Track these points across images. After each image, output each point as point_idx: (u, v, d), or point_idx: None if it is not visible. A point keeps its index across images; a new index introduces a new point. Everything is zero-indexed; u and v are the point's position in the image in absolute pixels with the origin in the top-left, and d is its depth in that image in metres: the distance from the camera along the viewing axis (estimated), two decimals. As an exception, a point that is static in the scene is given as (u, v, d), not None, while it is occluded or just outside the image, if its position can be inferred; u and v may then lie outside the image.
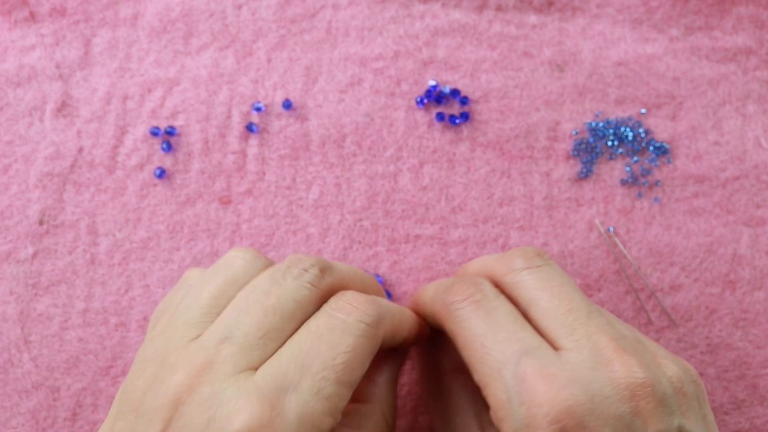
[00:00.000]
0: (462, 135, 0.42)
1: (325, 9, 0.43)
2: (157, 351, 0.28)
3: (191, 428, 0.25)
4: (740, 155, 0.42)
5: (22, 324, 0.41)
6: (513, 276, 0.31)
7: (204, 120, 0.42)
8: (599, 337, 0.29)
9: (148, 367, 0.28)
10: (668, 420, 0.28)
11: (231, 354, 0.27)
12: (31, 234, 0.41)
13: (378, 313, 0.29)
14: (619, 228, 0.42)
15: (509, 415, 0.27)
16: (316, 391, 0.26)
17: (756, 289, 0.41)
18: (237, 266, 0.31)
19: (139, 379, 0.28)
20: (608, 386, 0.27)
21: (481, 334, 0.29)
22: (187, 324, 0.29)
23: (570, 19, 0.43)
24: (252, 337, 0.27)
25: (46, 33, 0.43)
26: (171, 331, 0.29)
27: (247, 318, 0.28)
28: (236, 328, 0.28)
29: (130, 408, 0.27)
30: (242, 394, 0.26)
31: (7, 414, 0.40)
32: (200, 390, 0.26)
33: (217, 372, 0.26)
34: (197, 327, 0.28)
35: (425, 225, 0.42)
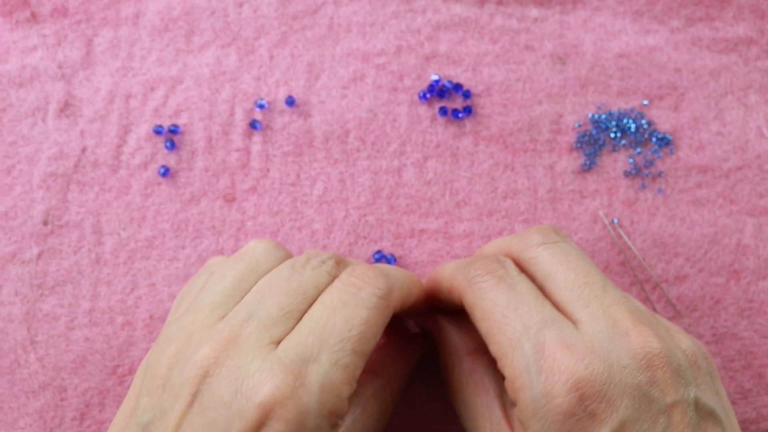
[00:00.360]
0: (465, 129, 0.43)
1: (327, 5, 0.44)
2: (181, 330, 0.29)
3: (219, 400, 0.26)
4: (743, 145, 0.42)
5: (28, 324, 0.41)
6: (530, 252, 0.32)
7: (207, 118, 0.43)
8: (615, 309, 0.30)
9: (172, 344, 0.29)
10: (684, 390, 0.28)
11: (255, 330, 0.28)
12: (36, 234, 0.41)
13: (388, 286, 0.31)
14: (623, 219, 0.42)
15: (527, 384, 0.28)
16: (335, 361, 0.28)
17: (760, 279, 0.41)
18: (258, 254, 0.32)
19: (163, 355, 0.29)
20: (626, 356, 0.28)
21: (502, 305, 0.30)
22: (212, 305, 0.30)
23: (571, 12, 0.43)
24: (274, 315, 0.29)
25: (48, 33, 0.43)
26: (195, 312, 0.30)
27: (270, 299, 0.29)
28: (259, 308, 0.29)
29: (156, 384, 0.28)
30: (267, 366, 0.27)
31: (15, 414, 0.40)
32: (227, 363, 0.27)
33: (242, 346, 0.28)
34: (221, 308, 0.30)
35: (430, 219, 0.42)
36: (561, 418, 0.27)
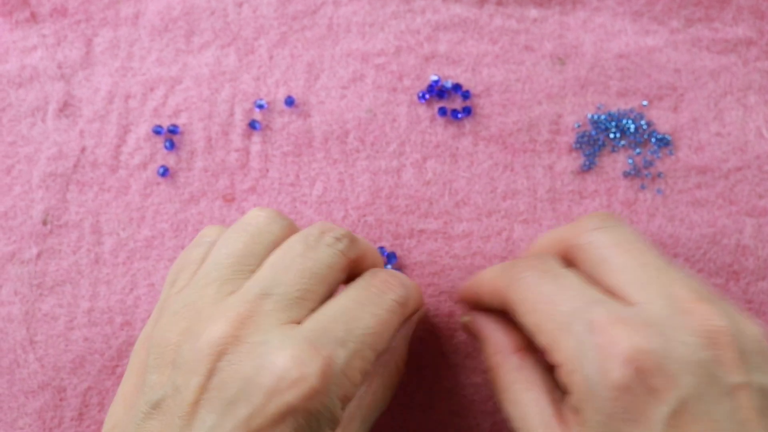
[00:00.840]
0: (464, 129, 0.43)
1: (326, 5, 0.44)
2: (188, 305, 0.29)
3: (240, 375, 0.26)
4: (742, 146, 0.42)
5: (27, 324, 0.41)
6: (585, 236, 0.31)
7: (207, 118, 0.43)
8: (676, 288, 0.28)
9: (180, 320, 0.28)
10: (752, 375, 0.26)
11: (272, 308, 0.28)
12: (35, 234, 0.41)
13: (406, 294, 0.31)
14: (622, 220, 0.42)
15: (580, 364, 0.27)
16: (358, 350, 0.28)
17: (760, 279, 0.41)
18: (261, 223, 0.31)
19: (171, 332, 0.28)
20: (687, 332, 0.26)
21: (547, 294, 0.29)
22: (220, 279, 0.29)
23: (570, 12, 0.43)
24: (291, 295, 0.28)
25: (48, 33, 0.43)
26: (201, 287, 0.29)
27: (286, 277, 0.29)
28: (275, 285, 0.29)
29: (165, 361, 0.28)
30: (292, 343, 0.27)
31: (14, 414, 0.40)
32: (247, 339, 0.27)
33: (261, 323, 0.27)
34: (230, 283, 0.29)
35: (429, 219, 0.42)
36: (616, 394, 0.26)
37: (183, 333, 0.28)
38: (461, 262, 0.41)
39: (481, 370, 0.40)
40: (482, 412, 0.40)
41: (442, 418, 0.40)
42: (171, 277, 0.32)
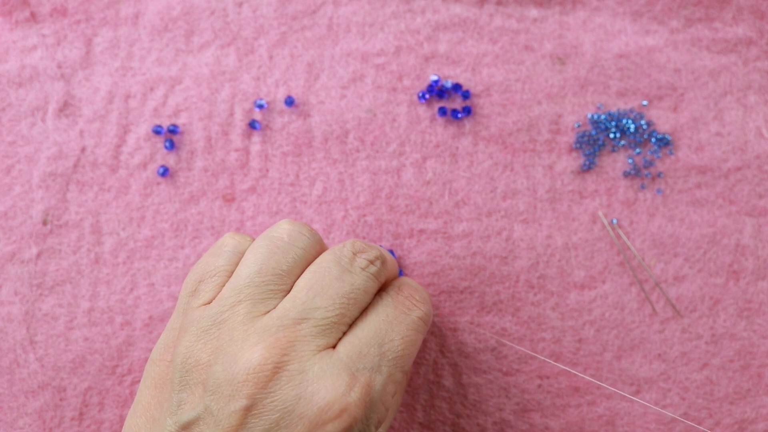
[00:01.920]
0: (464, 129, 0.43)
1: (326, 5, 0.44)
2: (218, 324, 0.28)
3: (280, 404, 0.26)
4: (742, 146, 0.42)
5: (27, 324, 0.41)
6: None
7: (206, 118, 0.43)
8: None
9: (211, 339, 0.28)
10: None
11: (309, 333, 0.28)
12: (35, 234, 0.41)
13: (430, 310, 0.31)
14: (622, 220, 0.42)
15: None
16: (391, 374, 0.28)
17: (760, 279, 0.41)
18: (290, 238, 0.31)
19: (201, 351, 0.28)
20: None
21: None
22: (252, 298, 0.29)
23: (570, 12, 0.43)
24: (328, 320, 0.28)
25: (48, 33, 0.43)
26: (232, 304, 0.29)
27: (322, 301, 0.29)
28: (312, 309, 0.28)
29: (195, 380, 0.27)
30: (331, 370, 0.27)
31: (14, 414, 0.40)
32: (288, 367, 0.27)
33: (300, 350, 0.27)
34: (263, 303, 0.29)
35: (429, 219, 0.42)
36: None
37: (214, 353, 0.28)
38: (461, 262, 0.41)
39: (482, 371, 0.40)
40: (482, 412, 0.40)
41: (442, 418, 0.40)
42: (190, 285, 0.31)
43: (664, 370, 0.40)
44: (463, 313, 0.41)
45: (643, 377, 0.40)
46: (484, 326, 0.41)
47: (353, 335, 0.29)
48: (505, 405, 0.40)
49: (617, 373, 0.40)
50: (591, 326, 0.41)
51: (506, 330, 0.41)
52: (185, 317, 0.30)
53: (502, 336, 0.41)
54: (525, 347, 0.41)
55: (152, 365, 0.30)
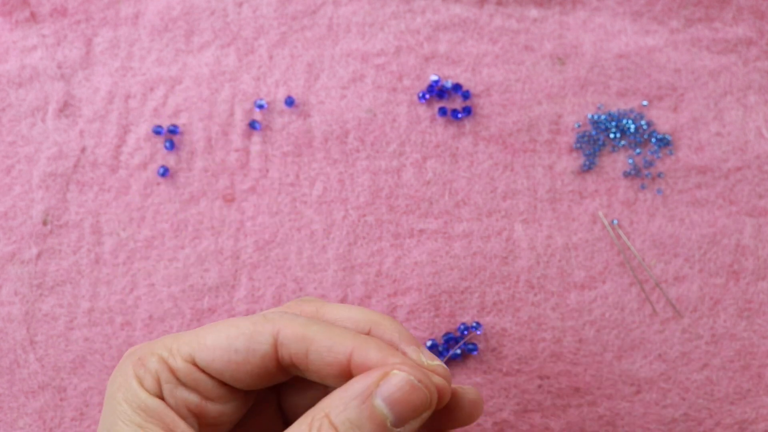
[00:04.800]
0: (464, 129, 0.43)
1: (326, 5, 0.44)
2: None
3: None
4: (742, 146, 0.42)
5: (27, 324, 0.41)
6: None
7: (206, 118, 0.43)
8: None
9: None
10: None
11: None
12: (35, 234, 0.41)
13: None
14: (622, 220, 0.42)
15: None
16: None
17: (760, 279, 0.41)
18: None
19: None
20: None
21: None
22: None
23: (570, 12, 0.43)
24: None
25: (48, 33, 0.43)
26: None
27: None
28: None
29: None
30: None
31: (15, 414, 0.40)
32: None
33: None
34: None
35: (429, 219, 0.42)
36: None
37: None
38: (461, 262, 0.41)
39: (482, 371, 0.40)
40: (484, 411, 0.40)
41: (442, 418, 0.40)
42: None
43: (665, 370, 0.40)
44: (463, 313, 0.41)
45: (644, 377, 0.40)
46: (484, 326, 0.41)
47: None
48: (505, 405, 0.40)
49: (617, 373, 0.40)
50: (591, 326, 0.41)
51: (506, 330, 0.41)
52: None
53: (502, 336, 0.41)
54: (525, 347, 0.41)
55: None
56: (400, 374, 0.26)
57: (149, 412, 0.28)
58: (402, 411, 0.26)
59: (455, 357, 0.40)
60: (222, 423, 0.30)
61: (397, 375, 0.26)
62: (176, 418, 0.28)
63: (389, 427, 0.26)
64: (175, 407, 0.28)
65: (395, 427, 0.26)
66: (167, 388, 0.28)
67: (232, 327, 0.29)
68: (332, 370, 0.28)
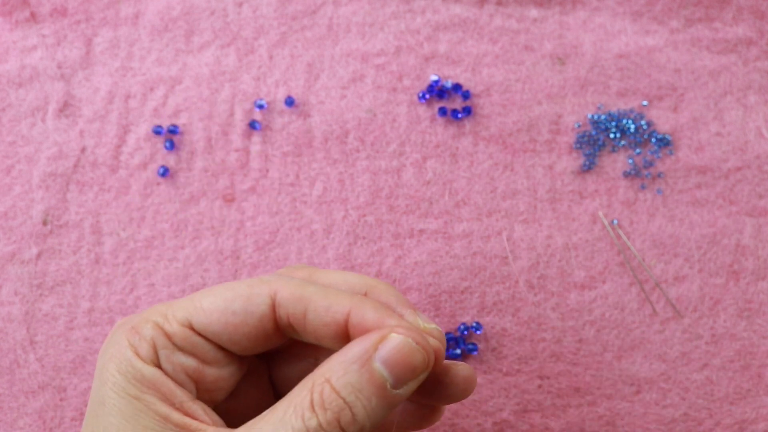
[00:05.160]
0: (464, 129, 0.43)
1: (326, 5, 0.44)
2: None
3: None
4: (742, 146, 0.42)
5: (27, 324, 0.41)
6: None
7: (206, 118, 0.43)
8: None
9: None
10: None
11: None
12: (35, 234, 0.41)
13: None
14: (622, 220, 0.42)
15: None
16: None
17: (760, 279, 0.41)
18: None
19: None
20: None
21: None
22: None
23: (570, 13, 0.43)
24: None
25: (48, 33, 0.43)
26: None
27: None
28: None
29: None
30: None
31: (14, 414, 0.40)
32: None
33: None
34: None
35: (429, 219, 0.42)
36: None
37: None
38: (461, 262, 0.41)
39: (482, 371, 0.40)
40: (482, 412, 0.40)
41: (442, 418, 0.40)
42: None
43: (665, 370, 0.40)
44: (463, 313, 0.41)
45: (644, 377, 0.40)
46: (484, 326, 0.41)
47: None
48: (505, 405, 0.40)
49: (617, 373, 0.40)
50: (591, 326, 0.41)
51: (506, 330, 0.41)
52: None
53: (502, 336, 0.41)
54: (525, 347, 0.41)
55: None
56: (398, 337, 0.26)
57: (145, 381, 0.27)
58: (401, 373, 0.26)
59: (455, 357, 0.40)
60: (218, 389, 0.30)
61: (395, 338, 0.26)
62: (173, 387, 0.28)
63: (389, 389, 0.26)
64: (172, 374, 0.28)
65: (394, 389, 0.26)
66: (164, 354, 0.28)
67: (228, 290, 0.29)
68: (329, 330, 0.28)
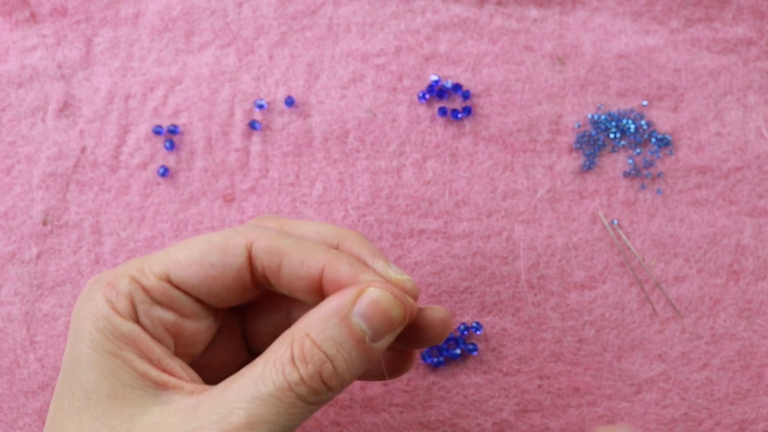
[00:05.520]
0: (464, 129, 0.43)
1: (326, 5, 0.44)
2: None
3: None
4: (742, 146, 0.42)
5: (27, 324, 0.41)
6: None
7: (206, 118, 0.43)
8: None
9: None
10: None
11: None
12: (35, 234, 0.41)
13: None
14: (622, 220, 0.42)
15: None
16: None
17: (760, 279, 0.41)
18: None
19: None
20: None
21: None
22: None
23: (570, 12, 0.43)
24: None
25: (48, 33, 0.43)
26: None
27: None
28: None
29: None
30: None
31: (14, 414, 0.40)
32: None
33: None
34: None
35: (429, 219, 0.42)
36: None
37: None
38: (461, 262, 0.41)
39: (482, 371, 0.40)
40: (482, 412, 0.40)
41: (442, 417, 0.40)
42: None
43: (664, 370, 0.40)
44: (463, 313, 0.41)
45: (644, 377, 0.40)
46: (484, 326, 0.41)
47: None
48: (505, 405, 0.40)
49: (617, 373, 0.40)
50: (591, 326, 0.41)
51: (506, 330, 0.41)
52: None
53: (502, 336, 0.41)
54: (525, 347, 0.41)
55: None
56: (376, 291, 0.27)
57: (123, 338, 0.27)
58: (378, 326, 0.27)
59: (455, 357, 0.40)
60: (196, 342, 0.30)
61: (372, 291, 0.27)
62: (151, 343, 0.28)
63: (368, 343, 0.27)
64: (151, 328, 0.28)
65: (372, 342, 0.27)
66: (142, 308, 0.28)
67: (204, 242, 0.29)
68: (303, 283, 0.28)
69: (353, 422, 0.40)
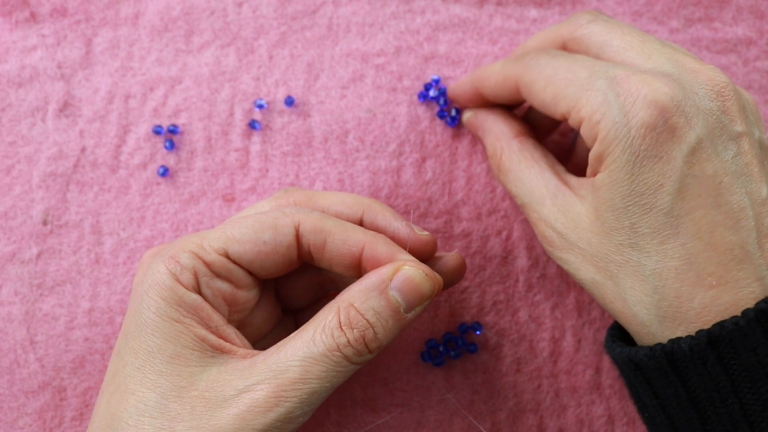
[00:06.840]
0: (464, 129, 0.43)
1: (326, 5, 0.44)
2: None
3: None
4: (742, 146, 0.42)
5: (27, 324, 0.41)
6: (581, 30, 0.34)
7: (206, 118, 0.43)
8: (680, 56, 0.32)
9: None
10: (751, 127, 0.31)
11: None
12: (35, 234, 0.42)
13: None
14: (622, 220, 0.42)
15: (607, 111, 0.30)
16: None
17: (759, 279, 0.41)
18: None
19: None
20: (696, 84, 0.31)
21: (564, 67, 0.32)
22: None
23: (570, 13, 0.43)
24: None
25: (47, 33, 0.43)
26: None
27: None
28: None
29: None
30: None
31: (14, 415, 0.40)
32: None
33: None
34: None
35: (429, 219, 0.42)
36: (643, 132, 0.29)
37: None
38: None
39: (481, 371, 0.41)
40: (482, 412, 0.40)
41: (441, 417, 0.40)
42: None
43: (664, 370, 0.40)
44: (463, 313, 0.41)
45: (643, 377, 0.40)
46: (484, 326, 0.41)
47: None
48: (505, 405, 0.40)
49: (617, 373, 0.40)
50: (591, 326, 0.41)
51: (506, 330, 0.41)
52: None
53: (501, 336, 0.41)
54: (525, 347, 0.41)
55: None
56: (410, 269, 0.32)
57: (187, 307, 0.31)
58: (412, 299, 0.31)
59: (455, 357, 0.40)
60: (246, 309, 0.34)
61: (407, 269, 0.31)
62: (211, 311, 0.31)
63: (402, 313, 0.31)
64: (210, 298, 0.32)
65: (405, 312, 0.31)
66: (204, 281, 0.32)
67: (256, 221, 0.33)
68: (344, 260, 0.33)
69: (353, 422, 0.40)
